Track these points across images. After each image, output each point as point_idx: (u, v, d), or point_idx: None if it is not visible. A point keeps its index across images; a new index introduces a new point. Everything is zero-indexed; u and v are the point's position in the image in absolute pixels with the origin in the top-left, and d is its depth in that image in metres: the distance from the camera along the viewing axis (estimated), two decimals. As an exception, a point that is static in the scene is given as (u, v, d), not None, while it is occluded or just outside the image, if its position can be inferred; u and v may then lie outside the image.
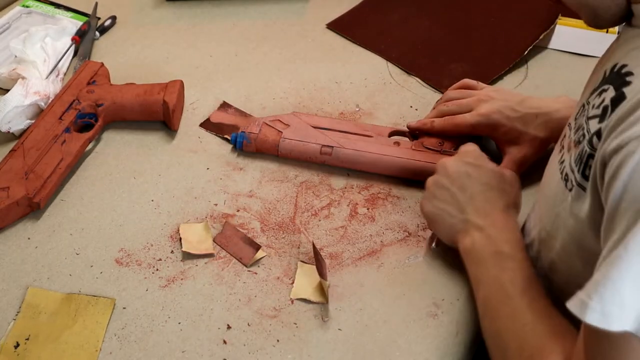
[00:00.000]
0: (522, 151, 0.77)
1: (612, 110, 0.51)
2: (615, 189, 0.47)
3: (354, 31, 1.05)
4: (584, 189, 0.54)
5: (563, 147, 0.61)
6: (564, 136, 0.62)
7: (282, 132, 0.82)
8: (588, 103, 0.57)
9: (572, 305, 0.46)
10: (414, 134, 0.84)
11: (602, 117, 0.52)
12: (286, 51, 1.01)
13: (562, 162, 0.60)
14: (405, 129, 0.84)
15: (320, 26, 1.06)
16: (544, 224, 0.63)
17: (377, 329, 0.66)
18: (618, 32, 0.99)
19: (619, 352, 0.46)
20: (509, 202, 0.68)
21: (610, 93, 0.52)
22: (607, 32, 1.01)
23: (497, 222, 0.66)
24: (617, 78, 0.52)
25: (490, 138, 0.82)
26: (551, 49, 1.01)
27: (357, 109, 0.91)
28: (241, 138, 0.83)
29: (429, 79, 0.96)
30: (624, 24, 0.57)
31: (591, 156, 0.53)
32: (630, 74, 0.51)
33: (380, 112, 0.90)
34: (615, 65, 0.54)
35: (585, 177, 0.54)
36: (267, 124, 0.83)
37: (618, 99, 0.51)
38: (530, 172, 0.78)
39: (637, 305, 0.44)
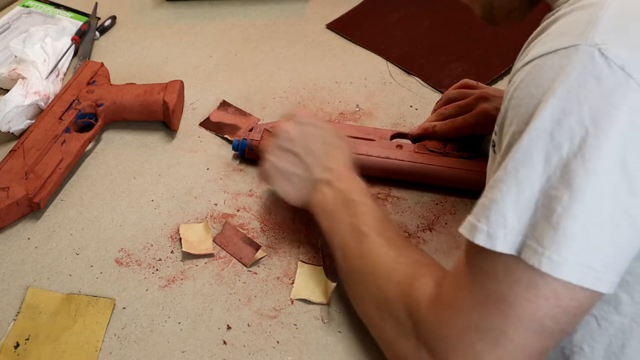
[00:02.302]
0: None
1: None
2: (500, 115, 0.51)
3: (354, 31, 1.05)
4: (495, 150, 0.56)
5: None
6: None
7: None
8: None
9: (462, 228, 0.49)
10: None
11: None
12: (286, 51, 1.01)
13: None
14: (407, 130, 0.84)
15: (320, 26, 1.06)
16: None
17: (377, 329, 0.66)
18: None
19: (497, 273, 0.48)
20: (348, 156, 0.71)
21: None
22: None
23: (342, 176, 0.68)
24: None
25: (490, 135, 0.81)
26: (551, 49, 1.01)
27: (357, 109, 0.91)
28: (243, 145, 0.82)
29: (429, 79, 0.96)
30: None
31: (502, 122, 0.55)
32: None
33: (380, 112, 0.90)
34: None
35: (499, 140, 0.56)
36: (268, 131, 0.82)
37: None
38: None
39: (519, 225, 0.46)
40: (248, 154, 0.82)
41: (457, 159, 0.79)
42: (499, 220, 0.47)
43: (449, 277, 0.54)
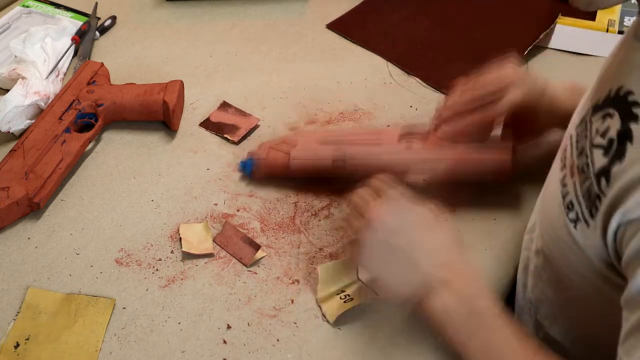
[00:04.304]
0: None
1: (619, 147, 0.49)
2: (627, 234, 0.47)
3: (354, 31, 1.05)
4: (588, 224, 0.53)
5: (565, 165, 0.59)
6: (564, 150, 0.60)
7: (289, 153, 0.78)
8: (591, 122, 0.55)
9: None
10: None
11: (607, 150, 0.50)
12: (286, 51, 1.01)
13: (564, 186, 0.58)
14: (414, 129, 0.79)
15: (320, 26, 1.06)
16: (546, 242, 0.62)
17: (377, 328, 0.66)
18: (619, 32, 1.00)
19: None
20: (454, 238, 0.63)
21: (616, 122, 0.50)
22: (607, 31, 1.01)
23: (460, 273, 0.61)
24: (623, 105, 0.50)
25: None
26: (551, 48, 1.01)
27: (357, 109, 0.91)
28: (249, 165, 0.80)
29: (429, 79, 0.96)
30: (632, 28, 0.54)
31: (598, 197, 0.51)
32: (636, 104, 0.49)
33: (380, 112, 0.90)
34: (620, 88, 0.52)
35: (591, 215, 0.52)
36: (273, 148, 0.80)
37: (625, 135, 0.49)
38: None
39: None
40: (256, 173, 0.80)
41: (469, 145, 0.75)
42: None
43: None
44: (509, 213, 0.77)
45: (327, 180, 0.80)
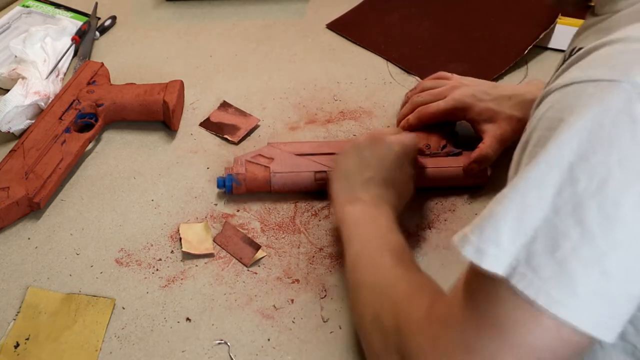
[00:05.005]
0: (500, 128, 0.77)
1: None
2: (525, 134, 0.49)
3: (354, 31, 1.05)
4: None
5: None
6: None
7: (269, 166, 0.77)
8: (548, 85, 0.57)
9: (455, 238, 0.46)
10: None
11: None
12: (286, 51, 1.01)
13: None
14: None
15: (320, 26, 1.06)
16: None
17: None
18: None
19: (490, 294, 0.45)
20: (398, 194, 0.70)
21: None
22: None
23: (379, 203, 0.68)
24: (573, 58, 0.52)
25: (467, 121, 0.81)
26: (551, 48, 1.01)
27: (357, 109, 0.91)
28: (229, 181, 0.76)
29: (429, 78, 0.96)
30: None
31: None
32: (581, 49, 0.51)
33: (380, 112, 0.90)
34: (573, 49, 0.54)
35: None
36: (249, 161, 0.78)
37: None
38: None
39: (512, 248, 0.44)
40: (236, 189, 0.77)
41: (444, 157, 0.79)
42: (491, 237, 0.44)
43: (445, 295, 0.53)
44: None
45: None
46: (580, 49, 0.52)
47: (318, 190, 0.78)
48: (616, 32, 0.48)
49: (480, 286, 0.46)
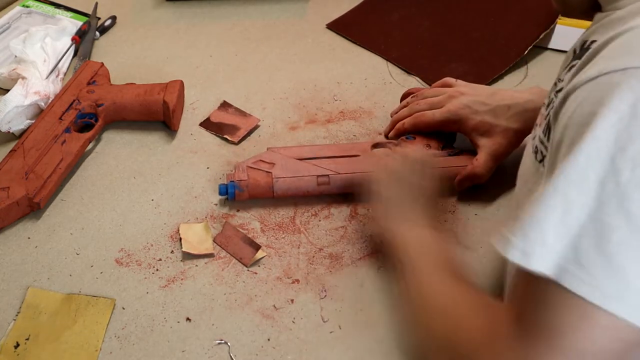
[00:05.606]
0: (495, 143, 0.77)
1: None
2: (557, 132, 0.48)
3: (354, 31, 1.05)
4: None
5: (536, 125, 0.61)
6: (540, 116, 0.62)
7: (270, 172, 0.76)
8: (560, 80, 0.56)
9: (496, 241, 0.46)
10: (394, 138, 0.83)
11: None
12: (286, 51, 1.01)
13: (534, 138, 0.59)
14: (384, 139, 0.84)
15: (320, 26, 1.06)
16: (519, 203, 0.63)
17: (377, 329, 0.66)
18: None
19: (539, 295, 0.45)
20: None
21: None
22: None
23: (435, 228, 0.68)
24: (585, 51, 0.52)
25: (461, 133, 0.81)
26: (551, 49, 1.01)
27: (357, 109, 0.91)
28: (232, 188, 0.76)
29: (429, 79, 0.96)
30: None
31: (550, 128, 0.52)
32: (594, 42, 0.51)
33: (380, 112, 0.90)
34: (584, 42, 0.54)
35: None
36: (251, 167, 0.77)
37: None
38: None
39: (559, 246, 0.43)
40: (239, 196, 0.76)
41: (444, 157, 0.79)
42: (537, 238, 0.44)
43: (500, 311, 0.51)
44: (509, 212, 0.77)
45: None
46: (593, 41, 0.51)
47: (320, 195, 0.78)
48: (631, 21, 0.48)
49: (529, 295, 0.46)
